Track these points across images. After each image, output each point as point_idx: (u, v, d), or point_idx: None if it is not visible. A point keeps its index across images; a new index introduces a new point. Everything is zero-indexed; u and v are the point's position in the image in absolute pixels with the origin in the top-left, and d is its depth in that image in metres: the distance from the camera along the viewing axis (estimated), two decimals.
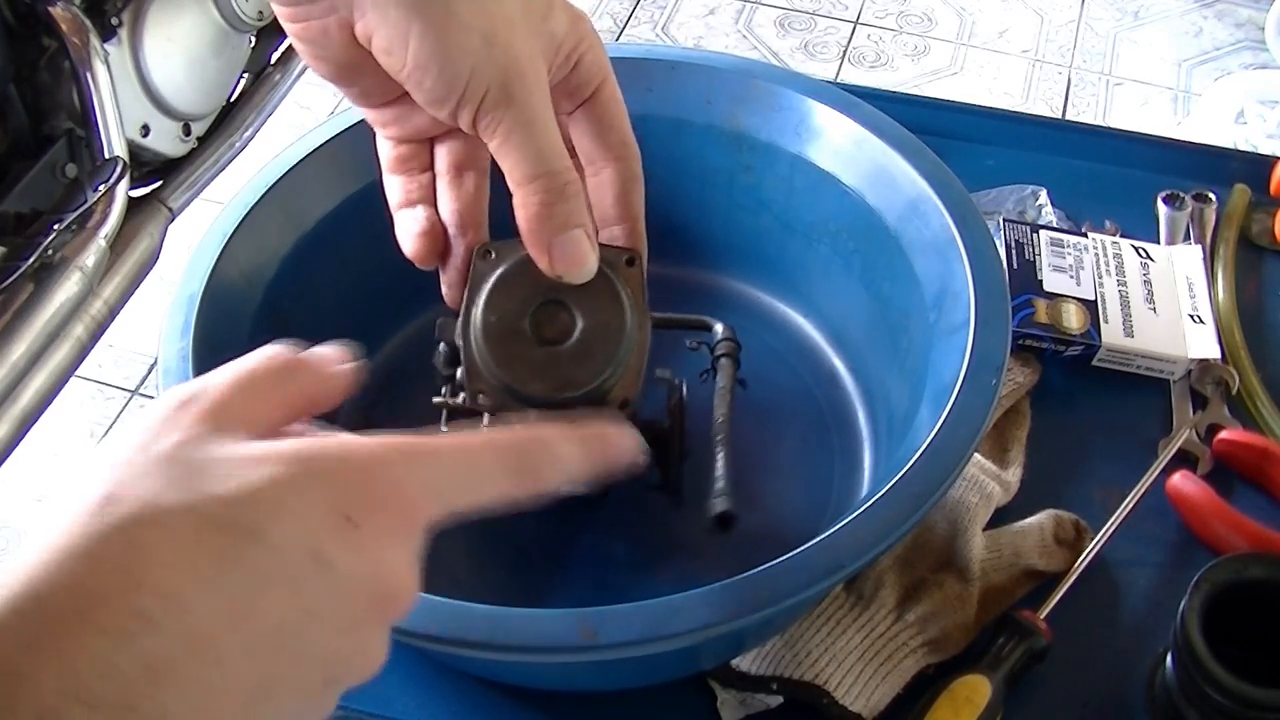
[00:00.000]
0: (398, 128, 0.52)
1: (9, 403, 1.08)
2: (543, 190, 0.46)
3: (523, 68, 0.45)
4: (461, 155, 0.52)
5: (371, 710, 0.60)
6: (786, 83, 0.70)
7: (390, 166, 0.53)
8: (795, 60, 2.10)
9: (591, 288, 0.49)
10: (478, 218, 0.52)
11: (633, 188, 0.52)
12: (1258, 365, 0.74)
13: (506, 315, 0.50)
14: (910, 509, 0.52)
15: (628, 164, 0.51)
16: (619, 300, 0.50)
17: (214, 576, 0.31)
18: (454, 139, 0.52)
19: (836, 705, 0.58)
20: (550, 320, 0.50)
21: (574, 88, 0.50)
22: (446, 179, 0.52)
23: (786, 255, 0.73)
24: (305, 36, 0.46)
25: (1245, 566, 0.56)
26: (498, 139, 0.46)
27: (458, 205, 0.52)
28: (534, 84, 0.46)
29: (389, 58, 0.45)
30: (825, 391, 0.71)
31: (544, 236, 0.46)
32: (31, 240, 1.09)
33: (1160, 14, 2.20)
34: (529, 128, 0.45)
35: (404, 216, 0.52)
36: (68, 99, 1.15)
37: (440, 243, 0.52)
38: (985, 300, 0.59)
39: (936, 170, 0.65)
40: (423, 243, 0.51)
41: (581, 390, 0.50)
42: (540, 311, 0.50)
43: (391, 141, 0.52)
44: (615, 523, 0.66)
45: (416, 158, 0.52)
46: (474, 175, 0.52)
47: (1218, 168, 0.85)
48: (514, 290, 0.50)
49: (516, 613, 0.49)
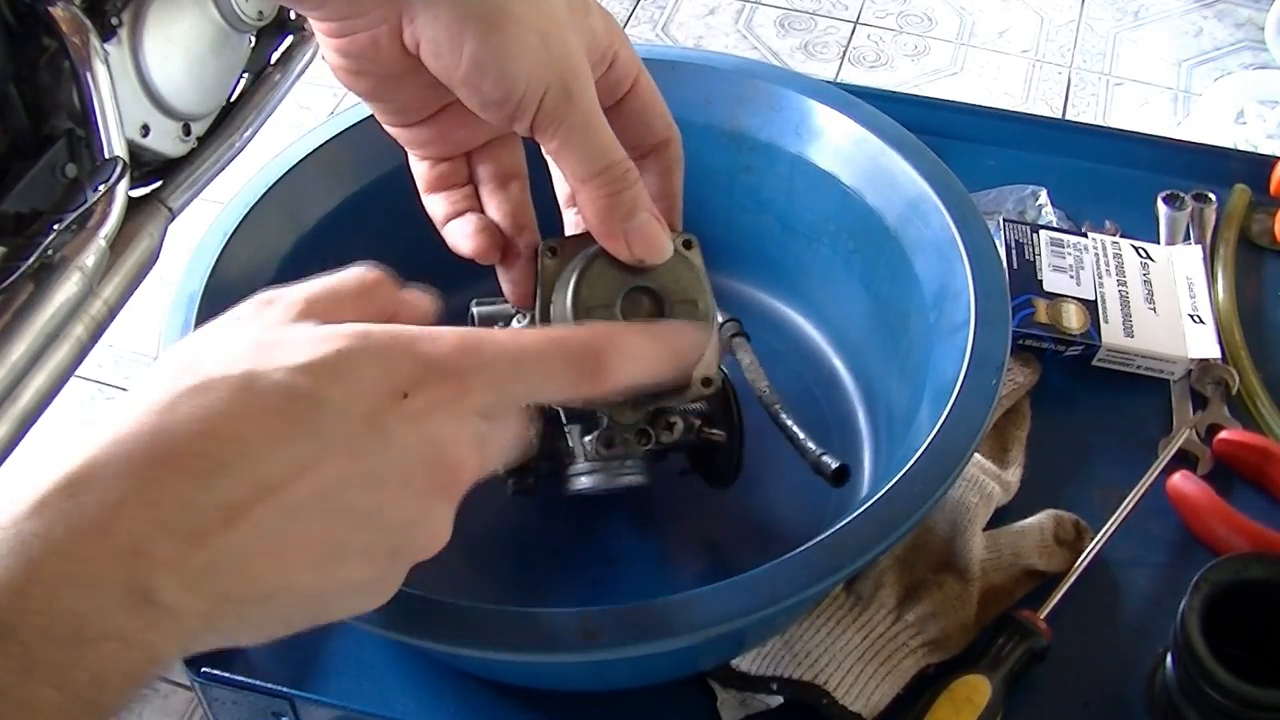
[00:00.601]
0: (435, 146, 0.51)
1: (9, 403, 1.08)
2: (608, 183, 0.46)
3: (577, 67, 0.45)
4: (503, 165, 0.53)
5: (371, 710, 0.60)
6: (786, 83, 0.70)
7: (429, 186, 0.53)
8: (795, 60, 2.10)
9: (671, 270, 0.50)
10: (529, 219, 0.53)
11: (676, 169, 0.53)
12: (1258, 365, 0.74)
13: (598, 305, 0.50)
14: (910, 509, 0.52)
15: (672, 145, 0.52)
16: (698, 279, 0.51)
17: (280, 434, 0.34)
18: (491, 150, 0.52)
19: (836, 705, 0.58)
20: (638, 306, 0.50)
21: (613, 84, 0.50)
22: (490, 188, 0.53)
23: (786, 255, 0.73)
24: (352, 51, 0.46)
25: (1245, 566, 0.56)
26: (558, 141, 0.46)
27: (509, 209, 0.53)
28: (587, 82, 0.46)
29: (440, 61, 0.44)
30: (825, 391, 0.71)
31: (616, 226, 0.48)
32: (31, 240, 1.08)
33: (1160, 14, 2.20)
34: (587, 127, 0.46)
35: (455, 225, 0.52)
36: (68, 99, 1.15)
37: (498, 237, 0.52)
38: (985, 300, 0.59)
39: (936, 170, 0.65)
40: (483, 239, 0.52)
41: None
42: (628, 299, 0.50)
43: (428, 162, 0.52)
44: (616, 522, 0.66)
45: (455, 173, 0.53)
46: (517, 182, 0.53)
47: (1218, 168, 0.85)
48: (600, 281, 0.50)
49: (516, 613, 0.49)
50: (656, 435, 0.56)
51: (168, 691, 1.34)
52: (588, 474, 0.57)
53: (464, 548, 0.65)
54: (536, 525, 0.67)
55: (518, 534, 0.67)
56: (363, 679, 0.61)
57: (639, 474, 0.57)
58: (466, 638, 0.49)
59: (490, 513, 0.68)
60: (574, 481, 0.58)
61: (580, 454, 0.57)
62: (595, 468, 0.57)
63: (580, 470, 0.57)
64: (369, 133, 0.68)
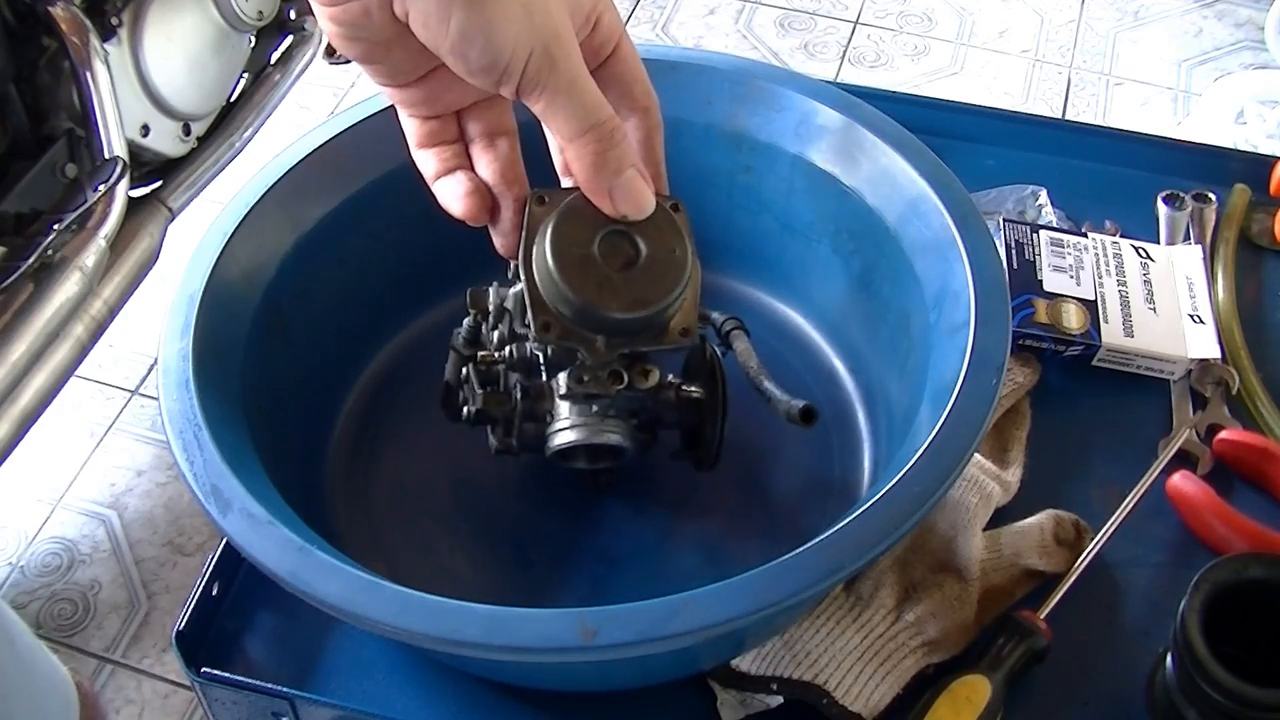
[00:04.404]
0: (426, 106, 0.53)
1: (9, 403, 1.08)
2: (594, 141, 0.49)
3: (559, 31, 0.47)
4: (492, 123, 0.54)
5: (371, 710, 0.60)
6: (786, 83, 0.70)
7: (419, 142, 0.54)
8: (795, 60, 2.10)
9: (651, 220, 0.52)
10: (518, 174, 0.55)
11: (655, 135, 0.54)
12: (1258, 365, 0.74)
13: (576, 244, 0.52)
14: (910, 509, 0.52)
15: (651, 113, 0.54)
16: (678, 230, 0.54)
17: None
18: (481, 108, 0.54)
19: (836, 705, 0.58)
20: (616, 249, 0.53)
21: (596, 47, 0.51)
22: (481, 145, 0.54)
23: (786, 255, 0.73)
24: (345, 19, 0.47)
25: (1245, 566, 0.56)
26: (543, 102, 0.48)
27: (498, 165, 0.54)
28: (571, 45, 0.48)
29: (429, 31, 0.46)
30: (825, 391, 0.71)
31: (603, 183, 0.50)
32: (31, 240, 1.09)
33: (1160, 14, 2.20)
34: (572, 88, 0.48)
35: (445, 184, 0.54)
36: (68, 99, 1.15)
37: (488, 199, 0.54)
38: (985, 300, 0.59)
39: (936, 170, 0.65)
40: (472, 201, 0.53)
41: (655, 308, 0.53)
42: (606, 240, 0.53)
43: (418, 119, 0.53)
44: (616, 522, 0.66)
45: (446, 130, 0.54)
46: (506, 139, 0.54)
47: (1218, 168, 0.85)
48: (579, 222, 0.52)
49: (516, 613, 0.49)
50: (631, 379, 0.56)
51: (167, 692, 1.34)
52: (569, 429, 0.58)
53: (463, 546, 0.66)
54: (536, 524, 0.67)
55: (517, 533, 0.67)
56: (363, 679, 0.61)
57: (620, 434, 0.58)
58: (467, 638, 0.49)
59: (490, 511, 0.68)
60: (555, 438, 0.59)
61: (563, 411, 0.58)
62: (576, 422, 0.58)
63: (561, 425, 0.58)
64: (369, 133, 0.68)
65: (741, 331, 0.66)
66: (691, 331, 0.55)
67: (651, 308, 0.53)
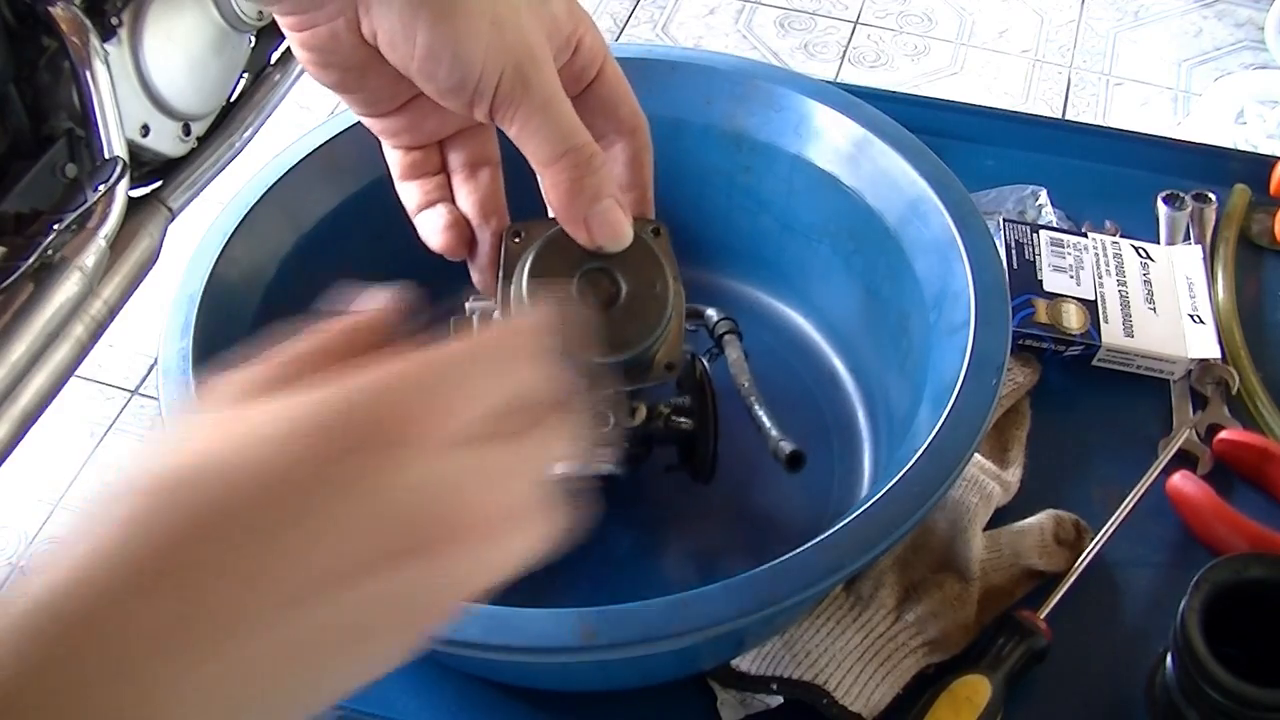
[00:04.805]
0: (407, 135, 0.52)
1: (9, 403, 1.08)
2: (570, 167, 0.46)
3: (533, 50, 0.45)
4: (474, 153, 0.53)
5: (371, 710, 0.60)
6: (786, 83, 0.70)
7: (403, 174, 0.53)
8: (795, 60, 2.10)
9: (631, 253, 0.50)
10: (498, 206, 0.53)
11: (644, 155, 0.53)
12: (1258, 365, 0.74)
13: (553, 279, 0.50)
14: (910, 509, 0.52)
15: (638, 134, 0.52)
16: (659, 263, 0.51)
17: None
18: (463, 138, 0.53)
19: (836, 705, 0.58)
20: (596, 286, 0.50)
21: (578, 71, 0.50)
22: (461, 176, 0.53)
23: (786, 256, 0.73)
24: (313, 44, 0.46)
25: (1245, 566, 0.56)
26: (517, 125, 0.46)
27: (477, 197, 0.53)
28: (545, 65, 0.46)
29: (396, 51, 0.45)
30: (825, 392, 0.71)
31: (578, 211, 0.47)
32: (31, 240, 1.09)
33: (1160, 14, 2.20)
34: (546, 109, 0.46)
35: (426, 217, 0.53)
36: (68, 99, 1.15)
37: (467, 233, 0.53)
38: (985, 300, 0.59)
39: (936, 170, 0.65)
40: (450, 235, 0.52)
41: (635, 351, 0.50)
42: (585, 278, 0.50)
43: (400, 150, 0.53)
44: (616, 521, 0.66)
45: (428, 161, 0.53)
46: (488, 169, 0.53)
47: (1218, 168, 0.85)
48: (556, 259, 0.50)
49: (516, 613, 0.49)
50: (617, 420, 0.55)
51: None
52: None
53: None
54: None
55: None
56: None
57: (612, 462, 0.57)
58: (467, 638, 0.49)
59: None
60: None
61: None
62: None
63: None
64: (369, 133, 0.68)
65: (734, 336, 0.66)
66: (676, 366, 0.52)
67: (634, 349, 0.51)
